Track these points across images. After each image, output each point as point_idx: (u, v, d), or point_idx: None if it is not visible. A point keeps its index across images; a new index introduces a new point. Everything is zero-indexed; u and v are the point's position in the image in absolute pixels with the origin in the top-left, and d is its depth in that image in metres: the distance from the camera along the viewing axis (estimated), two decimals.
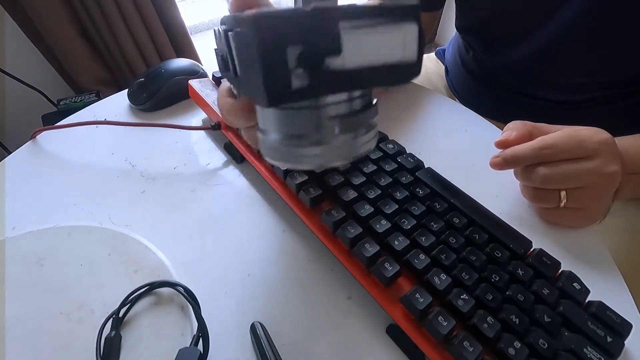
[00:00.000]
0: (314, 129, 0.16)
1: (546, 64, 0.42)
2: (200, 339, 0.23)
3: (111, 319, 0.24)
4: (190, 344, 0.23)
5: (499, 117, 0.50)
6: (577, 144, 0.28)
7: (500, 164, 0.31)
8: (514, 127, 0.31)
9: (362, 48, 0.14)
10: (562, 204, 0.29)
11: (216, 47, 0.21)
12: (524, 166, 0.30)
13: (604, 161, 0.27)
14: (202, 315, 0.24)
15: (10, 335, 0.24)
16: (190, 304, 0.25)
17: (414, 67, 0.15)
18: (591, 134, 0.28)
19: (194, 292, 0.25)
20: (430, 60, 0.65)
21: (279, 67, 0.13)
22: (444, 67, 0.62)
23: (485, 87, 0.51)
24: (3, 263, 0.28)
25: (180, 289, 0.26)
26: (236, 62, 0.16)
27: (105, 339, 0.23)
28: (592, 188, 0.28)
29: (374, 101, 0.18)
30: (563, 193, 0.29)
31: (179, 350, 0.23)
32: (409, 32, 0.15)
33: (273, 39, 0.13)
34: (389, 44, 0.14)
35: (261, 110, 0.18)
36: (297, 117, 0.16)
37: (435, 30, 1.76)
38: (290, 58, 0.13)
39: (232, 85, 0.22)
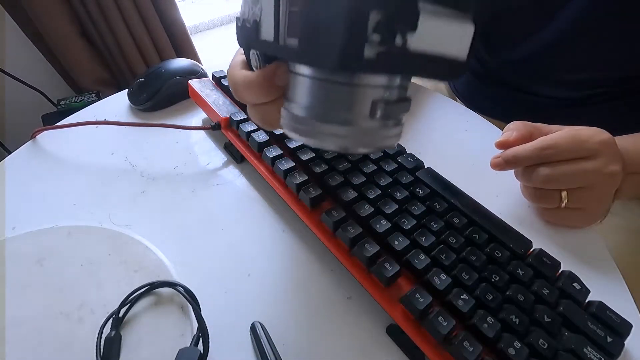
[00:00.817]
0: (347, 107, 0.16)
1: (549, 61, 0.42)
2: (200, 339, 0.23)
3: (111, 319, 0.24)
4: (190, 344, 0.23)
5: (500, 115, 0.50)
6: (578, 144, 0.28)
7: (501, 165, 0.31)
8: (514, 128, 0.31)
9: (431, 33, 0.14)
10: (563, 204, 0.29)
11: (242, 13, 0.20)
12: (525, 166, 0.30)
13: (604, 161, 0.28)
14: (202, 315, 0.24)
15: (10, 335, 0.24)
16: (190, 304, 0.25)
17: (463, 66, 0.15)
18: (592, 134, 0.28)
19: (193, 292, 0.25)
20: None
21: (360, 29, 0.12)
22: None
23: (486, 85, 0.51)
24: (3, 263, 0.28)
25: (180, 289, 0.26)
26: (286, 24, 0.15)
27: (105, 339, 0.23)
28: (593, 188, 0.28)
29: (409, 97, 0.17)
30: (564, 193, 0.29)
31: (179, 350, 0.23)
32: (468, 30, 0.15)
33: None
34: (452, 37, 0.14)
35: (296, 78, 0.17)
36: (334, 91, 0.16)
37: None
38: (371, 23, 0.12)
39: (256, 56, 0.20)
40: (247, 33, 0.19)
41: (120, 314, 0.25)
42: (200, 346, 0.23)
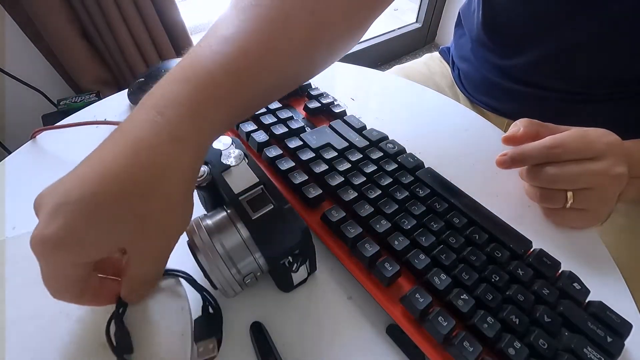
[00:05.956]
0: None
1: (573, 60, 0.41)
2: (209, 307, 0.24)
3: (112, 319, 0.24)
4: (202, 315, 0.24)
5: (511, 111, 0.49)
6: (586, 144, 0.28)
7: (507, 163, 0.30)
8: (522, 124, 0.31)
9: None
10: (568, 205, 0.29)
11: None
12: (531, 166, 0.30)
13: (611, 162, 0.27)
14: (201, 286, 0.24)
15: (10, 335, 0.24)
16: (189, 283, 0.25)
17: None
18: (599, 135, 0.28)
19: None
20: (433, 60, 0.64)
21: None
22: (448, 66, 0.61)
23: (500, 79, 0.50)
24: (3, 263, 0.28)
25: (180, 274, 0.25)
26: None
27: (115, 334, 0.23)
28: (598, 189, 0.28)
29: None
30: (569, 193, 0.29)
31: (195, 320, 0.24)
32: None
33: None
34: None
35: None
36: None
37: (435, 30, 1.76)
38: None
39: None
40: None
41: (120, 311, 0.25)
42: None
